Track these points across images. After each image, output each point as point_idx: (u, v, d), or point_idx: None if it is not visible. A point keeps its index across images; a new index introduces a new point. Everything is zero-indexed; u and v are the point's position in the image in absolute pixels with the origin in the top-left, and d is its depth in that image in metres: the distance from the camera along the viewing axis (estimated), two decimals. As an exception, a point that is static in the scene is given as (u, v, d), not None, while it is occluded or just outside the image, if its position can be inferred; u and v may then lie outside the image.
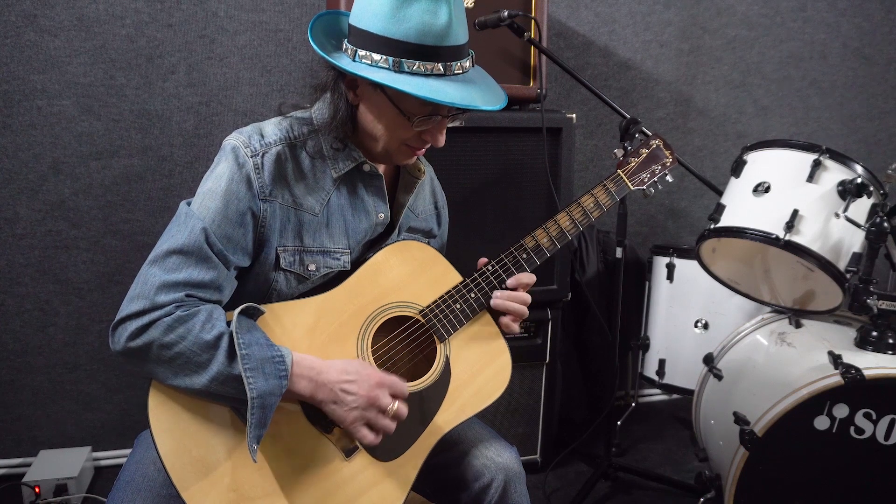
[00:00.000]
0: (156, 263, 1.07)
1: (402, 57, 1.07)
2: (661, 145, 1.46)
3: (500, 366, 1.25)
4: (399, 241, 1.29)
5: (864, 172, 1.66)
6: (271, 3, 2.14)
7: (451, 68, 1.10)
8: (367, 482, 1.14)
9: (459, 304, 1.24)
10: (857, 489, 1.63)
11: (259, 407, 1.01)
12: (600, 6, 2.50)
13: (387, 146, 1.19)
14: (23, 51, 1.95)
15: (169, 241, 1.08)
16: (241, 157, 1.13)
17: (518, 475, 1.24)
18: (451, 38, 1.09)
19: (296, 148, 1.18)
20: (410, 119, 1.13)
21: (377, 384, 1.10)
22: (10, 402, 2.14)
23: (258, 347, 1.04)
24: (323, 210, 1.20)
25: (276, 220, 1.15)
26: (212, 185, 1.12)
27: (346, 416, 1.09)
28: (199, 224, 1.08)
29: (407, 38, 1.06)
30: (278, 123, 1.20)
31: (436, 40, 1.07)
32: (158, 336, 1.02)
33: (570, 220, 1.33)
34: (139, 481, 1.12)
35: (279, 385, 1.04)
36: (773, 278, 1.98)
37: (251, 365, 1.02)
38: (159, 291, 1.04)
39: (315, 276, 1.20)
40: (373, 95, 1.15)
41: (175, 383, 1.04)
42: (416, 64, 1.07)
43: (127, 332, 1.03)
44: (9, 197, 2.02)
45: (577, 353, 2.53)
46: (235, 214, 1.11)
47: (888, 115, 2.97)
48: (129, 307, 1.04)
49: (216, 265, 1.09)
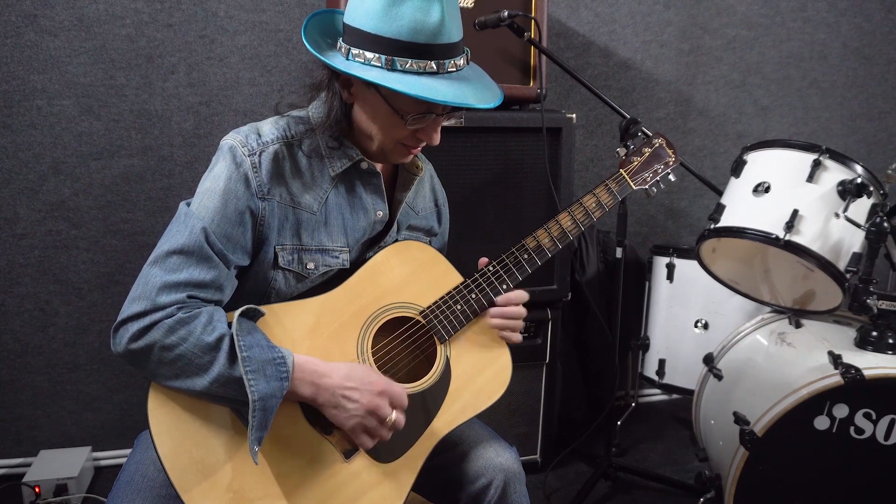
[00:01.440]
0: (156, 264, 1.07)
1: (395, 55, 1.07)
2: (664, 144, 1.45)
3: (501, 367, 1.25)
4: (399, 241, 1.29)
5: (864, 172, 1.66)
6: (271, 3, 2.14)
7: (445, 66, 1.10)
8: (366, 483, 1.14)
9: (460, 305, 1.24)
10: (857, 489, 1.63)
11: (260, 409, 1.02)
12: (600, 6, 2.50)
13: (382, 145, 1.19)
14: (23, 51, 1.95)
15: (169, 241, 1.08)
16: (239, 157, 1.13)
17: (517, 475, 1.24)
18: (444, 36, 1.08)
19: (293, 147, 1.18)
20: (404, 118, 1.13)
21: (378, 393, 1.10)
22: (10, 402, 2.14)
23: (259, 349, 1.04)
24: (321, 208, 1.20)
25: (275, 218, 1.15)
26: (210, 184, 1.12)
27: (345, 422, 1.09)
28: (199, 224, 1.08)
29: (399, 36, 1.06)
30: (275, 123, 1.20)
31: (428, 38, 1.07)
32: (160, 338, 1.02)
33: (571, 220, 1.33)
34: (139, 482, 1.12)
35: (280, 387, 1.04)
36: (773, 278, 1.98)
37: (252, 367, 1.02)
38: (161, 292, 1.04)
39: (314, 275, 1.20)
40: (367, 94, 1.15)
41: (176, 385, 1.04)
42: (408, 62, 1.07)
43: (128, 333, 1.03)
44: (9, 197, 2.02)
45: (577, 353, 2.53)
46: (234, 213, 1.11)
47: (888, 115, 2.97)
48: (131, 308, 1.04)
49: (217, 265, 1.09)
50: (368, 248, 1.28)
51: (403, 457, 1.17)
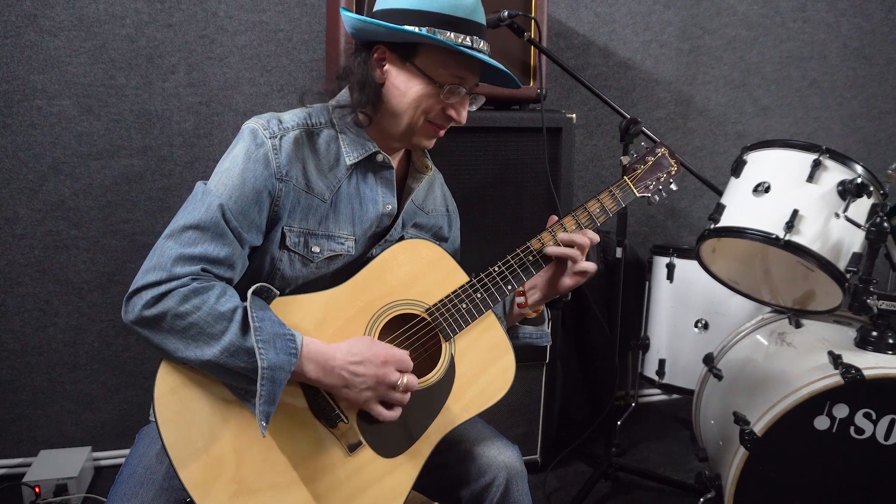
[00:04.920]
0: (172, 237, 1.08)
1: (436, 27, 1.14)
2: (667, 154, 1.48)
3: (505, 366, 1.26)
4: (407, 239, 1.29)
5: (864, 172, 1.66)
6: (271, 3, 2.14)
7: (478, 44, 1.18)
8: (370, 477, 1.14)
9: (465, 304, 1.24)
10: (857, 489, 1.63)
11: (269, 379, 1.02)
12: (600, 6, 2.50)
13: (412, 122, 1.21)
14: (23, 51, 1.95)
15: (186, 216, 1.09)
16: (260, 138, 1.15)
17: (520, 473, 1.24)
18: (479, 15, 1.19)
19: (313, 135, 1.22)
20: (442, 87, 1.17)
21: (383, 362, 1.11)
22: (10, 402, 2.14)
23: (270, 323, 1.06)
24: (332, 197, 1.22)
25: (289, 199, 1.17)
26: (229, 164, 1.14)
27: (358, 396, 1.11)
28: (216, 200, 1.09)
29: (441, 10, 1.14)
30: (297, 112, 1.23)
31: (466, 13, 1.16)
32: (174, 305, 1.03)
33: (576, 225, 1.35)
34: (142, 473, 1.12)
35: (289, 361, 1.05)
36: (773, 278, 1.98)
37: (263, 337, 1.03)
38: (176, 263, 1.05)
39: (319, 259, 1.21)
40: (401, 69, 1.19)
41: (185, 354, 1.04)
42: (448, 34, 1.15)
43: (143, 300, 1.03)
44: (9, 197, 2.02)
45: (577, 353, 2.53)
46: (252, 192, 1.12)
47: (888, 115, 2.97)
48: (146, 278, 1.04)
49: (231, 242, 1.10)
50: (374, 242, 1.29)
51: (407, 452, 1.17)
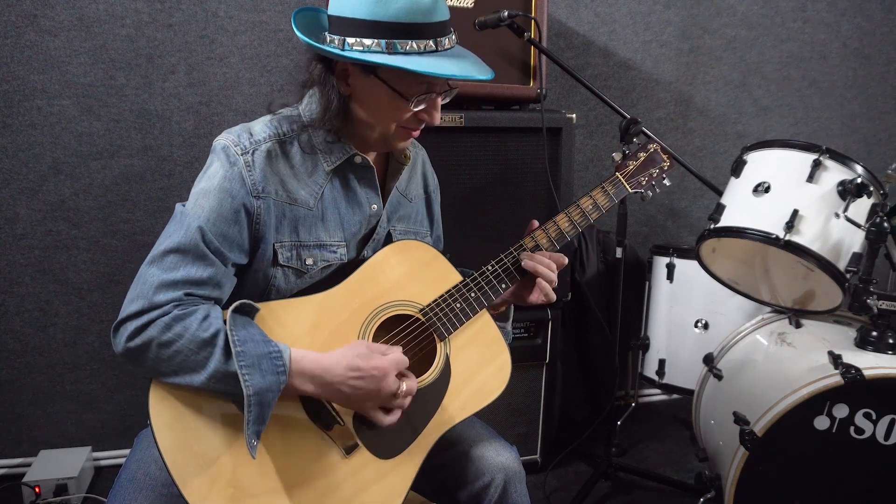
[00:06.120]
0: (154, 263, 1.08)
1: (394, 38, 1.08)
2: (658, 149, 1.48)
3: (500, 364, 1.25)
4: (399, 240, 1.29)
5: (864, 172, 1.66)
6: (271, 3, 2.14)
7: (442, 44, 1.12)
8: (367, 479, 1.14)
9: (459, 304, 1.24)
10: (857, 489, 1.63)
11: (256, 404, 1.02)
12: (600, 6, 2.50)
13: (384, 131, 1.19)
14: (23, 51, 1.95)
15: (166, 240, 1.09)
16: (232, 156, 1.13)
17: (518, 474, 1.24)
18: (438, 14, 1.11)
19: (285, 144, 1.19)
20: (409, 99, 1.14)
21: (383, 376, 1.10)
22: (10, 402, 2.14)
23: (254, 344, 1.04)
24: (317, 203, 1.21)
25: (272, 216, 1.16)
26: (205, 184, 1.13)
27: (359, 407, 1.12)
28: (194, 222, 1.09)
29: (396, 19, 1.07)
30: (268, 122, 1.21)
31: (424, 17, 1.09)
32: (156, 335, 1.03)
33: (568, 222, 1.34)
34: (140, 479, 1.12)
35: (277, 381, 1.04)
36: (773, 278, 1.98)
37: (247, 362, 1.02)
38: (158, 291, 1.05)
39: (313, 270, 1.21)
40: (366, 82, 1.15)
41: (176, 381, 1.05)
42: (408, 43, 1.09)
43: (126, 332, 1.04)
44: (9, 197, 2.03)
45: (577, 353, 2.53)
46: (230, 212, 1.12)
47: (888, 115, 2.97)
48: (129, 308, 1.05)
49: (213, 262, 1.10)
50: (364, 244, 1.29)
51: (404, 453, 1.17)
